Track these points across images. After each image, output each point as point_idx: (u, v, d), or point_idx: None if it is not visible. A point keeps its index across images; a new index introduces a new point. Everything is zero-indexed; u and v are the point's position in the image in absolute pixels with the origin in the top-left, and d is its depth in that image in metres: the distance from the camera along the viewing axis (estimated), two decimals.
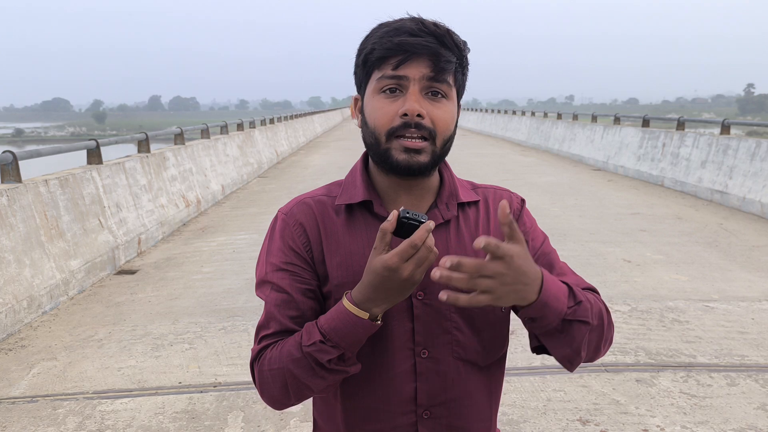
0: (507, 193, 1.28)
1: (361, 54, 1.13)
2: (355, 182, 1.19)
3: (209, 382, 3.53)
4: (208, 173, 9.97)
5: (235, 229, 7.81)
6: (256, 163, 13.55)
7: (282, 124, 18.93)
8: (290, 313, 1.13)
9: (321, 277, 1.16)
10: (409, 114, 1.07)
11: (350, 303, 1.05)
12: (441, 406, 1.18)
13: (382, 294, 1.02)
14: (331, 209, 1.18)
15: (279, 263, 1.15)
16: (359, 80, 1.16)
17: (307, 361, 1.06)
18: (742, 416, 3.10)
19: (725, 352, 3.85)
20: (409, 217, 1.00)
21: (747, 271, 5.62)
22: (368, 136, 1.13)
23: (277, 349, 1.11)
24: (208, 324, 4.43)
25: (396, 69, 1.08)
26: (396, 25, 1.10)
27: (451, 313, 1.16)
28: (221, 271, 5.79)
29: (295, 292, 1.14)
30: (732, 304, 4.71)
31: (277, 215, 1.22)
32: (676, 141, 11.13)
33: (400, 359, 1.16)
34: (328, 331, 1.05)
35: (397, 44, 1.07)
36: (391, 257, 0.99)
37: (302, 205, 1.19)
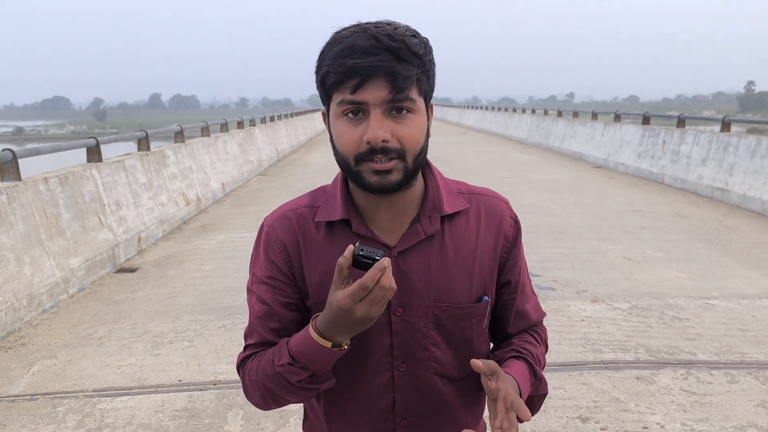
0: (500, 203, 1.25)
1: (318, 74, 1.09)
2: (335, 197, 1.17)
3: (209, 380, 3.53)
4: (209, 171, 9.97)
5: (235, 227, 7.81)
6: (257, 161, 13.54)
7: (282, 122, 18.92)
8: (272, 325, 1.16)
9: (303, 292, 1.18)
10: (372, 142, 1.03)
11: (314, 331, 1.06)
12: (418, 416, 1.21)
13: (341, 328, 1.03)
14: (311, 224, 1.17)
15: (261, 276, 1.17)
16: (321, 98, 1.13)
17: (279, 378, 1.09)
18: (742, 414, 3.09)
19: (725, 349, 3.85)
20: (363, 254, 0.99)
21: (747, 268, 5.61)
22: (338, 159, 1.11)
23: (256, 361, 1.14)
24: (208, 322, 4.42)
25: (354, 94, 1.03)
26: (349, 42, 1.03)
27: (429, 330, 1.17)
28: (221, 269, 5.79)
29: (276, 305, 1.16)
30: (732, 302, 4.70)
31: (262, 225, 1.22)
32: (676, 138, 11.11)
33: (379, 371, 1.18)
34: (297, 354, 1.07)
35: (351, 68, 1.01)
36: (343, 299, 0.99)
37: (284, 219, 1.18)
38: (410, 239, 1.15)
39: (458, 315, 1.17)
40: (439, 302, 1.16)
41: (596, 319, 4.35)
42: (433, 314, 1.16)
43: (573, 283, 5.07)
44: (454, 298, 1.17)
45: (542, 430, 2.97)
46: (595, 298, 4.78)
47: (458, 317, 1.18)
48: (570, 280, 5.16)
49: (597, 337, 4.02)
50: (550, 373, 3.52)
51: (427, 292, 1.15)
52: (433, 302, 1.16)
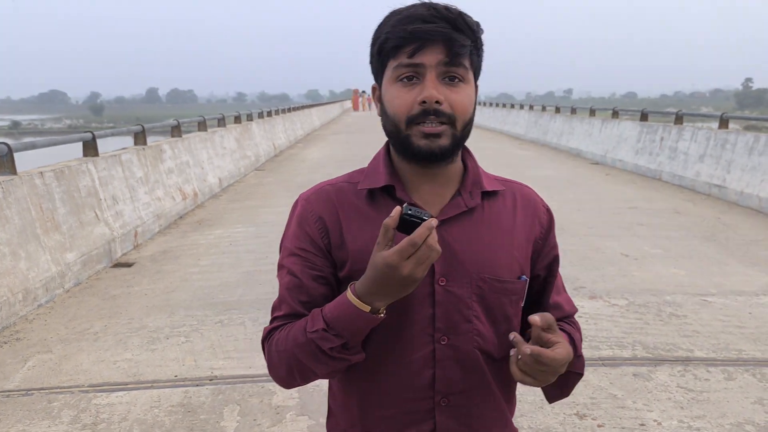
0: (537, 197, 1.29)
1: (376, 43, 1.13)
2: (377, 168, 1.19)
3: (205, 375, 3.52)
4: (205, 166, 9.94)
5: (232, 222, 7.79)
6: (254, 156, 13.51)
7: (279, 117, 18.87)
8: (301, 297, 1.15)
9: (339, 262, 1.16)
10: (427, 101, 1.07)
11: (353, 295, 1.05)
12: (459, 394, 1.18)
13: (383, 289, 1.03)
14: (351, 195, 1.18)
15: (293, 248, 1.17)
16: (375, 69, 1.16)
17: (310, 347, 1.08)
18: (739, 410, 3.09)
19: (723, 346, 3.85)
20: (411, 213, 1.00)
21: (744, 265, 5.61)
22: (388, 124, 1.14)
23: (285, 331, 1.13)
24: (205, 317, 4.41)
25: (411, 57, 1.08)
26: (408, 12, 1.09)
27: (472, 302, 1.16)
28: (218, 264, 5.77)
29: (306, 278, 1.15)
30: (729, 299, 4.70)
31: (297, 200, 1.23)
32: (674, 135, 11.11)
33: (419, 344, 1.15)
34: (331, 320, 1.06)
35: (411, 32, 1.07)
36: (390, 254, 0.99)
37: (321, 193, 1.20)
38: (452, 210, 1.16)
39: (500, 289, 1.17)
40: (482, 273, 1.16)
41: (594, 315, 4.34)
42: (476, 285, 1.16)
43: (571, 279, 5.06)
44: (496, 271, 1.17)
45: (539, 427, 2.97)
46: (592, 295, 4.78)
47: (499, 291, 1.17)
48: (568, 276, 5.15)
49: (594, 333, 4.01)
50: None
51: (470, 262, 1.15)
52: (476, 273, 1.15)
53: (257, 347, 3.88)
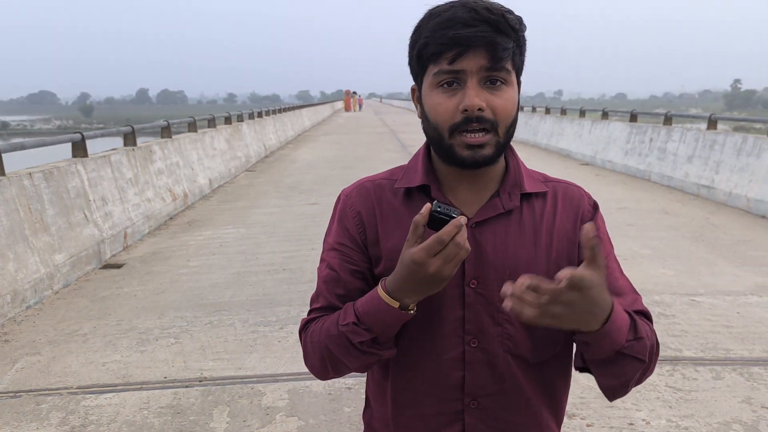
0: (578, 190, 1.24)
1: (415, 47, 1.11)
2: (416, 167, 1.19)
3: (195, 376, 3.51)
4: (196, 167, 9.90)
5: (222, 223, 7.77)
6: (244, 156, 13.47)
7: (270, 118, 18.83)
8: (337, 291, 1.16)
9: (374, 259, 1.17)
10: (469, 110, 1.06)
11: (383, 291, 1.05)
12: (489, 397, 1.16)
13: (412, 286, 1.02)
14: (389, 192, 1.19)
15: (333, 243, 1.19)
16: (415, 72, 1.14)
17: (342, 340, 1.09)
18: (727, 410, 3.11)
19: (711, 346, 3.87)
20: (440, 211, 0.99)
21: (733, 265, 5.65)
22: (430, 130, 1.12)
23: (320, 323, 1.14)
24: (195, 318, 4.39)
25: (452, 63, 1.05)
26: (448, 15, 1.06)
27: None
28: (208, 266, 5.75)
29: (344, 272, 1.16)
30: (718, 298, 4.73)
31: (339, 196, 1.24)
32: (663, 136, 11.18)
33: (449, 345, 1.15)
34: (362, 314, 1.07)
35: (452, 38, 1.04)
36: (418, 251, 0.98)
37: (361, 189, 1.21)
38: (488, 212, 1.15)
39: None
40: (515, 276, 1.07)
41: None
42: None
43: None
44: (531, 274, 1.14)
45: None
46: None
47: None
48: None
49: None
50: None
51: (503, 266, 1.13)
52: (509, 276, 1.10)
53: (247, 348, 3.88)
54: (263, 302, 4.72)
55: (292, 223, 7.54)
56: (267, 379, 3.46)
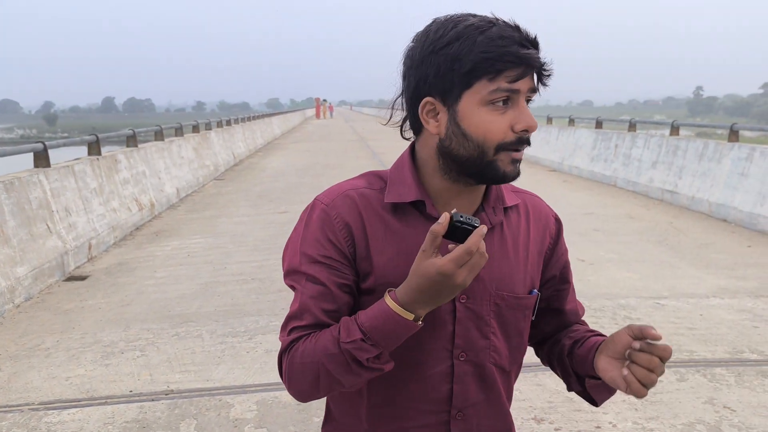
0: (545, 207, 1.29)
1: (461, 59, 1.03)
2: (404, 180, 1.14)
3: (161, 389, 3.45)
4: (163, 176, 9.77)
5: (190, 232, 7.67)
6: (213, 165, 13.35)
7: (239, 126, 18.70)
8: (326, 306, 1.10)
9: (362, 273, 1.13)
10: (530, 130, 1.07)
11: (395, 303, 1.02)
12: (474, 407, 1.20)
13: (431, 297, 1.01)
14: (377, 204, 1.14)
15: (316, 255, 1.11)
16: (447, 86, 1.06)
17: (343, 358, 1.04)
18: (690, 411, 3.17)
19: (675, 348, 3.94)
20: (462, 221, 0.97)
21: (696, 268, 5.77)
22: (470, 149, 1.07)
23: (311, 342, 1.08)
24: (161, 330, 4.32)
25: (513, 82, 1.04)
26: (498, 33, 1.03)
27: (490, 319, 1.17)
28: (175, 276, 5.67)
29: (333, 285, 1.11)
30: (681, 301, 4.83)
31: (314, 204, 1.16)
32: (627, 142, 11.39)
33: (438, 360, 1.15)
34: (370, 329, 1.03)
35: (520, 57, 1.03)
36: (446, 263, 0.97)
37: (346, 198, 1.14)
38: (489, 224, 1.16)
39: (515, 305, 1.19)
40: (500, 291, 1.17)
41: None
42: (494, 303, 1.17)
43: None
44: (513, 287, 1.18)
45: None
46: None
47: (515, 307, 1.19)
48: None
49: None
50: None
51: (490, 280, 1.15)
52: (495, 290, 1.16)
53: (215, 360, 3.83)
54: (232, 313, 4.67)
55: (262, 232, 7.48)
56: (235, 390, 3.42)
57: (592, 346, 1.18)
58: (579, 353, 1.21)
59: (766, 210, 7.31)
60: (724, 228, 7.60)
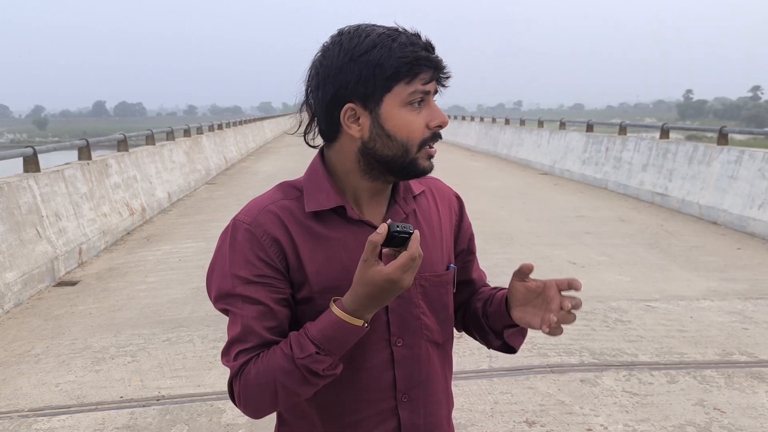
0: (445, 186, 1.38)
1: (382, 65, 1.09)
2: (320, 187, 1.18)
3: (152, 395, 3.43)
4: (154, 180, 9.74)
5: (181, 237, 7.65)
6: (204, 169, 13.32)
7: (231, 130, 18.67)
8: (268, 324, 1.12)
9: (296, 284, 1.15)
10: (443, 126, 1.16)
11: (344, 312, 1.06)
12: (416, 387, 1.24)
13: (378, 302, 1.07)
14: (299, 214, 1.17)
15: (249, 276, 1.12)
16: (368, 91, 1.11)
17: (299, 373, 1.07)
18: (681, 412, 3.19)
19: (665, 350, 3.96)
20: (399, 230, 1.04)
21: (686, 270, 5.80)
22: (394, 148, 1.13)
23: (262, 362, 1.10)
24: (152, 335, 4.31)
25: (426, 84, 1.12)
26: (407, 39, 1.11)
27: (418, 300, 1.23)
28: (166, 281, 5.65)
29: (272, 302, 1.12)
30: (672, 304, 4.85)
31: (234, 225, 1.16)
32: (618, 145, 11.45)
33: (376, 350, 1.19)
34: (322, 341, 1.07)
35: (430, 61, 1.11)
36: (393, 271, 1.03)
37: (268, 214, 1.16)
38: (395, 219, 1.21)
39: (438, 282, 1.26)
40: (423, 273, 1.22)
41: None
42: (420, 285, 1.23)
43: None
44: (434, 267, 1.25)
45: None
46: None
47: (438, 284, 1.26)
48: None
49: (543, 341, 4.08)
50: (497, 378, 3.56)
51: None
52: (419, 273, 1.20)
53: (206, 365, 3.81)
54: (223, 318, 4.59)
55: None
56: (227, 396, 3.41)
57: (500, 301, 1.28)
58: (491, 311, 1.31)
59: (755, 212, 7.36)
60: (714, 230, 7.65)
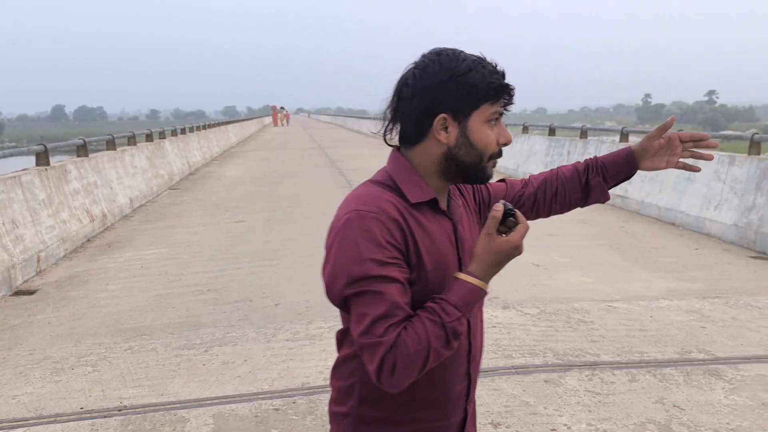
0: None
1: (476, 87, 1.28)
2: (415, 182, 1.34)
3: (113, 406, 3.37)
4: (115, 186, 9.56)
5: (143, 243, 7.52)
6: (167, 174, 13.12)
7: (194, 135, 18.44)
8: (406, 299, 1.26)
9: (411, 265, 1.29)
10: (508, 143, 1.35)
11: (477, 279, 1.26)
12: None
13: (500, 268, 1.28)
14: (403, 204, 1.31)
15: (384, 258, 1.24)
16: (460, 106, 1.29)
17: (446, 336, 1.23)
18: (642, 411, 3.25)
19: (626, 349, 4.04)
20: (510, 208, 1.26)
21: (646, 271, 5.93)
22: (472, 156, 1.32)
23: (414, 332, 1.22)
24: (114, 344, 4.22)
25: (504, 107, 1.33)
26: (490, 68, 1.30)
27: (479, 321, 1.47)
28: (128, 289, 5.55)
29: (404, 280, 1.27)
30: (632, 304, 4.95)
31: (360, 215, 1.27)
32: (579, 148, 11.65)
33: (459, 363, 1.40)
34: (462, 306, 1.24)
35: (509, 88, 1.32)
36: (518, 239, 1.25)
37: (387, 203, 1.29)
38: (458, 212, 1.43)
39: None
40: None
41: (507, 325, 4.47)
42: None
43: None
44: None
45: None
46: (506, 305, 4.91)
47: None
48: None
49: (508, 342, 4.13)
50: None
51: (471, 249, 1.38)
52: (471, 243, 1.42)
53: (169, 373, 3.76)
54: (187, 325, 4.59)
55: (218, 242, 7.39)
56: (191, 404, 3.37)
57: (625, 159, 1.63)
58: (611, 170, 1.64)
59: (711, 213, 7.57)
60: (672, 231, 7.84)
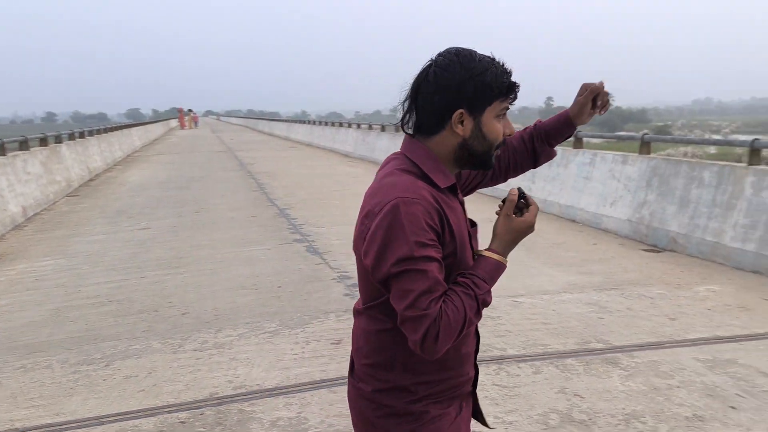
0: None
1: (491, 86, 1.43)
2: (439, 169, 1.48)
3: (3, 429, 3.15)
4: (6, 194, 8.96)
5: (38, 254, 7.09)
6: (65, 180, 12.44)
7: (94, 139, 17.58)
8: (442, 276, 1.40)
9: (445, 244, 1.44)
10: (512, 135, 1.54)
11: (500, 255, 1.46)
12: None
13: (516, 244, 1.50)
14: (434, 189, 1.45)
15: (426, 240, 1.38)
16: (475, 100, 1.44)
17: (477, 306, 1.40)
18: (545, 401, 3.38)
19: (531, 342, 4.19)
20: (525, 193, 1.50)
21: (549, 266, 6.18)
22: (483, 146, 1.48)
23: (453, 303, 1.37)
24: (4, 363, 3.95)
25: (512, 103, 1.50)
26: (503, 68, 1.46)
27: None
28: (21, 303, 5.21)
29: (441, 260, 1.41)
30: (536, 298, 5.14)
31: (405, 202, 1.39)
32: None
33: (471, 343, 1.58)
34: (489, 279, 1.43)
35: (517, 87, 1.48)
36: (533, 219, 1.48)
37: (424, 191, 1.42)
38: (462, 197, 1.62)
39: None
40: None
41: None
42: None
43: None
44: None
45: None
46: None
47: None
48: None
49: None
50: None
51: None
52: None
53: (66, 391, 3.56)
54: (86, 339, 4.36)
55: (120, 251, 7.07)
56: (90, 422, 3.20)
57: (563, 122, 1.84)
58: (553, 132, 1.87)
59: (608, 210, 7.99)
60: (572, 227, 8.21)
